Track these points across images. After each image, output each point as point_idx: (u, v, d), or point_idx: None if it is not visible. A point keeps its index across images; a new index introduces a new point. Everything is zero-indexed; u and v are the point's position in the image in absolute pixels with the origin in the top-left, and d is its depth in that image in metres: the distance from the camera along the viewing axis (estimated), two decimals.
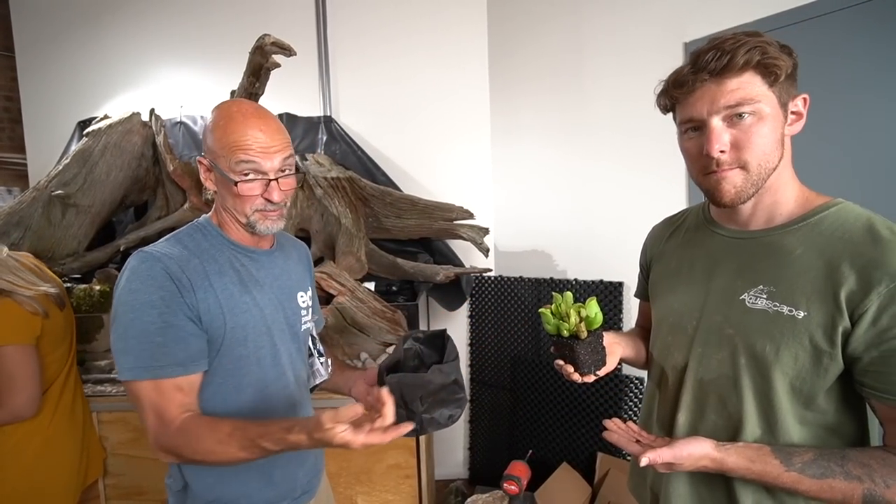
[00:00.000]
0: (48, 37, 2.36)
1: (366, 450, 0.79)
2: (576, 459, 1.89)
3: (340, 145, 2.21)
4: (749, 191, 0.66)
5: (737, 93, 0.62)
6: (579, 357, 0.72)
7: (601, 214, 1.94)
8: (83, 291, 1.77)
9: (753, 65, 0.61)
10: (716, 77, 0.63)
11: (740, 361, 0.67)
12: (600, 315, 0.73)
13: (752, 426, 0.66)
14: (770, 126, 0.63)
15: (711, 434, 0.69)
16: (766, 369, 0.64)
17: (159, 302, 0.73)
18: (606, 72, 1.89)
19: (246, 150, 0.75)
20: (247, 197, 0.78)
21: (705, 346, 0.71)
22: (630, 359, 0.89)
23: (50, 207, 1.89)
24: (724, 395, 0.69)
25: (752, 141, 0.63)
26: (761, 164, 0.64)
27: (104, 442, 1.60)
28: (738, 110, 0.62)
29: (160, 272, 0.74)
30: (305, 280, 0.99)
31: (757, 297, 0.66)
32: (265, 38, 1.28)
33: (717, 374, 0.69)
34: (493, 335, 2.21)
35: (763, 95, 0.62)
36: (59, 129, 2.30)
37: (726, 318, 0.68)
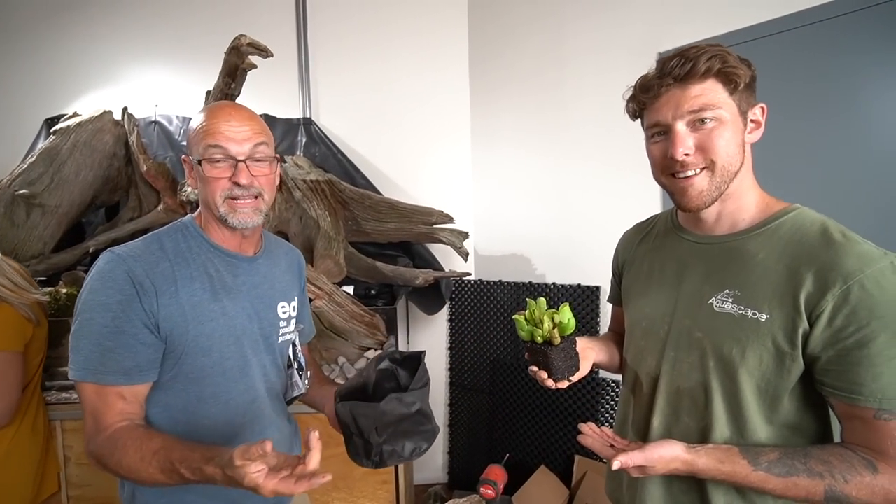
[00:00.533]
0: (14, 29, 2.27)
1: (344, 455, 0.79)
2: (554, 462, 1.90)
3: (320, 147, 2.19)
4: (712, 194, 0.68)
5: (700, 98, 0.65)
6: (553, 363, 0.73)
7: (580, 219, 1.97)
8: (49, 295, 1.70)
9: (714, 72, 0.64)
10: (680, 83, 0.65)
11: (709, 364, 0.68)
12: (573, 321, 0.74)
13: (721, 427, 0.68)
14: (731, 131, 0.66)
15: (684, 436, 0.70)
16: (734, 371, 0.66)
17: (115, 306, 0.71)
18: (586, 79, 1.92)
19: (215, 135, 0.75)
20: (214, 180, 0.76)
21: (677, 350, 0.72)
22: (603, 363, 0.90)
23: (13, 207, 1.82)
24: (696, 397, 0.70)
25: (715, 143, 0.65)
26: (725, 165, 0.66)
27: (68, 451, 1.54)
28: (701, 115, 0.65)
29: (122, 275, 0.72)
30: (292, 289, 0.94)
31: (723, 300, 0.68)
32: (241, 39, 1.26)
33: (688, 377, 0.71)
34: (473, 339, 2.22)
35: (724, 102, 0.65)
36: (24, 126, 2.21)
37: (695, 321, 0.70)
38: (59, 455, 1.52)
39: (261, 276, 0.87)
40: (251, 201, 0.78)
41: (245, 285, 0.83)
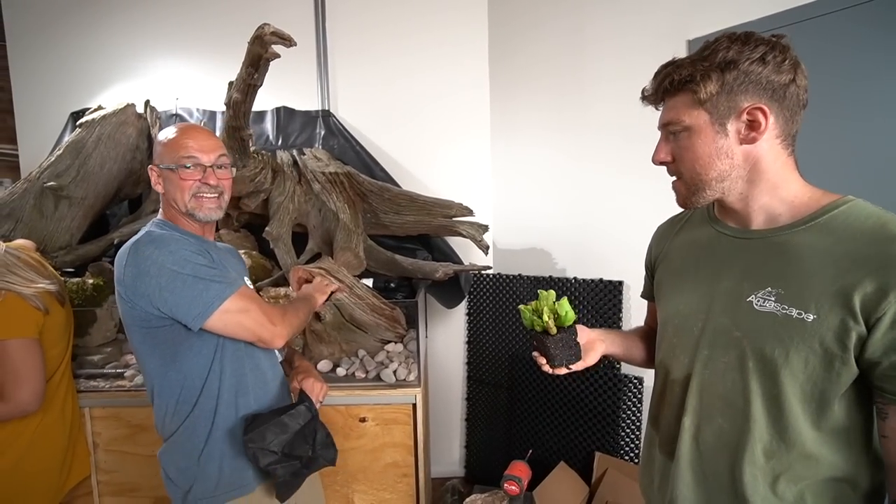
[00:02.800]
0: (41, 26, 2.31)
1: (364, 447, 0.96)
2: (573, 459, 1.88)
3: (339, 140, 2.19)
4: (691, 198, 0.71)
5: (667, 113, 0.70)
6: (550, 351, 0.79)
7: (601, 213, 1.93)
8: (76, 285, 1.74)
9: (678, 87, 0.67)
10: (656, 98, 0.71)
11: (748, 365, 0.66)
12: (571, 313, 0.79)
13: (760, 430, 0.66)
14: (702, 141, 0.67)
15: (717, 438, 0.69)
16: (776, 373, 0.63)
17: (200, 250, 0.91)
18: (608, 70, 1.87)
19: (187, 148, 0.94)
20: (187, 182, 0.93)
21: (711, 349, 0.70)
22: (619, 356, 0.91)
23: (42, 199, 1.86)
24: (731, 398, 0.68)
25: (681, 156, 0.70)
26: (693, 176, 0.69)
27: (97, 438, 1.57)
28: (669, 129, 0.70)
29: (179, 237, 0.91)
30: (245, 272, 1.14)
31: (765, 299, 0.65)
32: (265, 28, 1.25)
33: (723, 377, 0.69)
34: (491, 333, 2.20)
35: (690, 114, 0.67)
36: (52, 120, 2.26)
37: (733, 320, 0.68)
38: (89, 441, 1.56)
39: (223, 258, 1.03)
40: (215, 199, 0.97)
41: (227, 263, 1.02)
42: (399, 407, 1.54)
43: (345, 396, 1.53)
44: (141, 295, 0.86)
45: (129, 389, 1.58)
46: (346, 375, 1.62)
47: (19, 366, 1.15)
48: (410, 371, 1.59)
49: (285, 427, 0.91)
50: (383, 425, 1.55)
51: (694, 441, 0.72)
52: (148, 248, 0.87)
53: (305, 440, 0.92)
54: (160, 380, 0.93)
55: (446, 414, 2.37)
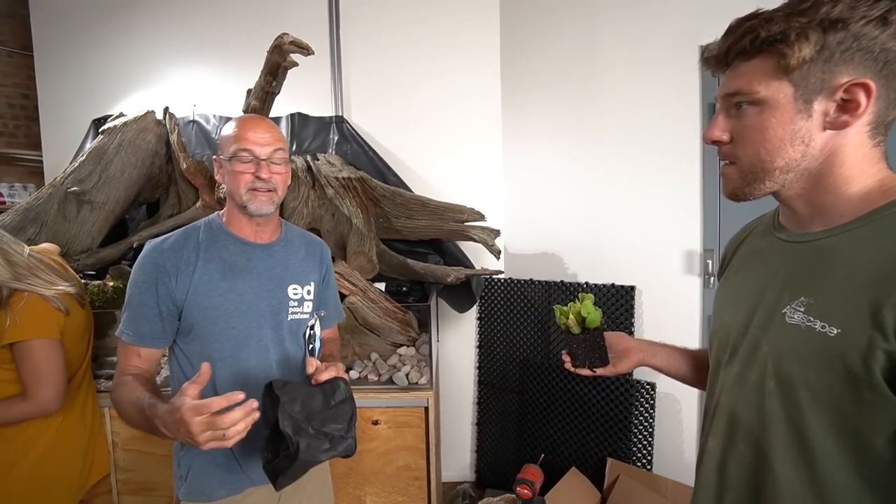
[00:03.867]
0: (65, 36, 2.39)
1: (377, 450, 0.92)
2: (585, 464, 1.87)
3: (352, 145, 2.21)
4: (745, 188, 0.59)
5: (736, 80, 0.56)
6: (573, 350, 0.82)
7: (613, 218, 1.93)
8: (97, 288, 1.79)
9: (760, 47, 0.53)
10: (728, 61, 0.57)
11: (769, 385, 0.56)
12: (594, 315, 0.79)
13: (781, 463, 0.54)
14: (776, 120, 0.54)
15: (739, 465, 0.60)
16: (795, 396, 0.53)
17: (141, 284, 0.92)
18: (620, 73, 1.87)
19: (243, 140, 0.93)
20: (240, 174, 0.93)
21: (742, 366, 0.61)
22: (661, 369, 0.85)
23: (65, 204, 1.91)
24: (751, 421, 0.59)
25: (744, 136, 0.57)
26: (753, 162, 0.57)
27: (115, 437, 1.61)
28: (736, 100, 0.57)
29: (150, 261, 0.93)
30: (309, 274, 1.06)
31: (795, 310, 0.54)
32: (284, 38, 1.28)
33: (747, 397, 0.60)
34: (503, 337, 2.20)
35: (769, 85, 0.54)
36: (75, 127, 2.33)
37: (765, 333, 0.58)
38: (108, 440, 1.60)
39: (274, 261, 1.01)
40: (268, 193, 0.95)
41: (257, 267, 0.98)
42: (411, 410, 1.55)
43: (357, 399, 1.52)
44: None
45: None
46: (359, 378, 1.64)
47: (42, 365, 1.17)
48: (423, 374, 1.61)
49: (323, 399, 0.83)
50: (396, 428, 1.56)
51: (715, 465, 0.64)
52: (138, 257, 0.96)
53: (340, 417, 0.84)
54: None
55: (457, 418, 2.37)
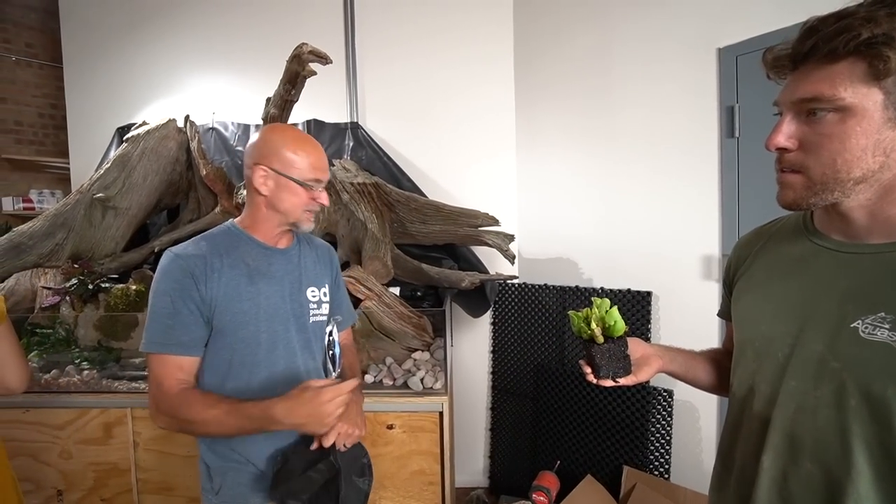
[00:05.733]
0: (92, 49, 2.47)
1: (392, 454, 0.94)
2: (600, 472, 1.85)
3: (367, 151, 2.24)
4: (810, 199, 0.57)
5: (816, 85, 0.52)
6: (595, 360, 0.76)
7: (629, 223, 1.91)
8: (120, 291, 1.84)
9: (854, 50, 0.50)
10: (802, 62, 0.54)
11: (849, 403, 0.54)
12: (621, 324, 0.74)
13: (864, 485, 0.53)
14: (861, 129, 0.51)
15: (806, 485, 0.57)
16: (888, 417, 0.51)
17: (173, 292, 0.90)
18: (635, 79, 1.87)
19: (316, 171, 0.97)
20: (307, 200, 0.97)
21: (800, 380, 0.59)
22: (679, 375, 0.83)
23: (91, 210, 1.98)
24: (826, 441, 0.56)
25: (819, 144, 0.54)
26: (828, 172, 0.54)
27: (137, 437, 1.65)
28: (812, 106, 0.53)
29: (177, 268, 0.91)
30: (322, 277, 1.10)
31: (876, 325, 0.53)
32: (303, 47, 1.31)
33: (815, 415, 0.57)
34: (517, 343, 2.20)
35: (857, 91, 0.50)
36: (100, 135, 2.40)
37: (830, 348, 0.56)
38: (129, 440, 1.64)
39: (293, 265, 1.03)
40: (313, 213, 1.01)
41: (279, 272, 1.00)
42: (426, 415, 1.56)
43: (372, 403, 1.55)
44: None
45: None
46: (374, 382, 1.65)
47: None
48: (437, 379, 1.61)
49: (310, 482, 0.90)
50: (410, 433, 1.57)
51: (775, 486, 0.61)
52: (159, 266, 0.94)
53: (329, 496, 0.91)
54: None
55: (470, 423, 2.37)
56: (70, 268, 1.87)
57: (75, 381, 1.68)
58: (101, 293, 1.82)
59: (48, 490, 1.66)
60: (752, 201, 1.58)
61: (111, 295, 1.81)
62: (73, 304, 1.78)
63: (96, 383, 1.68)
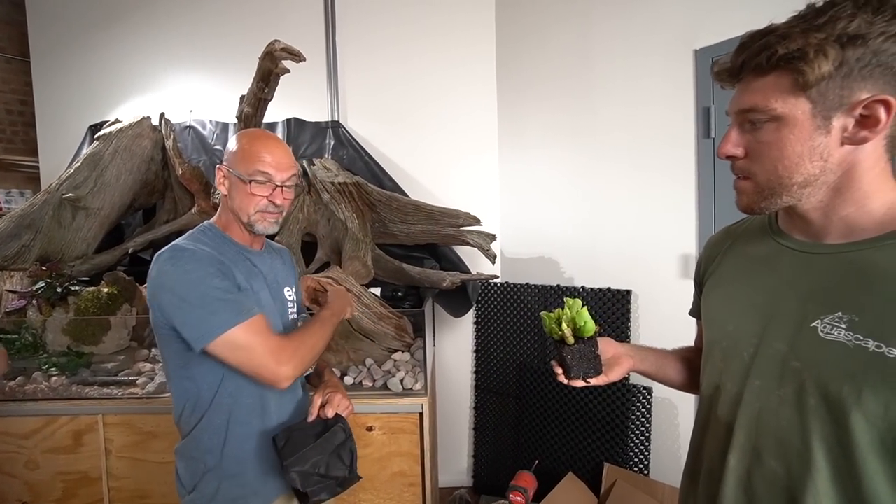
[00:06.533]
0: (62, 43, 2.40)
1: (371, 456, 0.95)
2: (582, 469, 1.86)
3: (348, 150, 2.22)
4: (761, 203, 0.59)
5: (750, 96, 0.56)
6: (566, 361, 0.76)
7: (609, 222, 1.93)
8: (91, 294, 1.78)
9: (777, 64, 0.53)
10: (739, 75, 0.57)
11: (809, 402, 0.55)
12: (591, 324, 0.74)
13: (822, 482, 0.54)
14: (795, 137, 0.54)
15: (769, 482, 0.58)
16: (843, 416, 0.52)
17: (217, 273, 0.88)
18: (615, 79, 1.88)
19: (264, 163, 0.93)
20: (256, 197, 0.94)
21: (764, 379, 0.60)
22: (650, 374, 0.84)
23: (60, 210, 1.91)
24: (786, 439, 0.57)
25: (760, 152, 0.57)
26: (771, 178, 0.57)
27: (108, 444, 1.60)
28: (751, 116, 0.57)
29: (205, 255, 0.89)
30: (290, 278, 1.14)
31: (833, 325, 0.54)
32: (275, 44, 1.28)
33: (777, 413, 0.58)
34: (499, 342, 2.20)
35: (786, 102, 0.53)
36: (71, 133, 2.33)
37: (791, 347, 0.58)
38: (100, 448, 1.59)
39: (268, 266, 1.05)
40: (275, 216, 0.98)
41: (262, 273, 1.02)
42: (406, 416, 1.55)
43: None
44: (158, 305, 0.88)
45: (142, 397, 1.60)
46: (354, 384, 1.63)
47: None
48: (417, 380, 1.60)
49: (324, 449, 0.91)
50: (390, 434, 1.55)
51: (740, 484, 0.62)
52: (168, 264, 0.87)
53: (342, 460, 0.93)
54: (174, 383, 0.95)
55: (454, 423, 2.36)
56: (37, 270, 1.80)
57: (43, 388, 1.62)
58: (71, 296, 1.76)
59: (12, 503, 1.60)
60: (728, 201, 1.61)
61: (81, 298, 1.76)
62: (40, 308, 1.72)
63: (65, 390, 1.62)
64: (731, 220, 0.81)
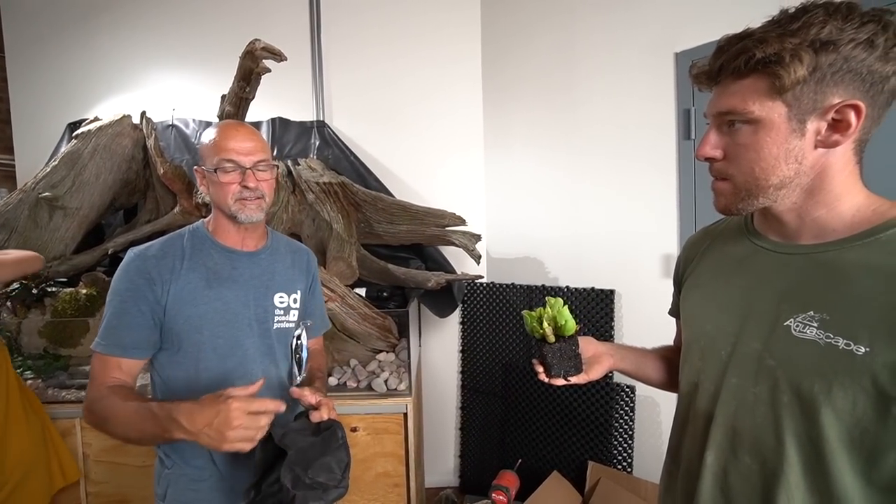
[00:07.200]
0: (39, 38, 2.34)
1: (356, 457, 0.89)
2: (567, 468, 1.87)
3: (333, 150, 2.20)
4: (738, 204, 0.60)
5: (728, 99, 0.57)
6: (547, 359, 0.76)
7: (592, 222, 1.94)
8: (69, 295, 1.75)
9: (754, 68, 0.54)
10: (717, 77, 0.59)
11: (782, 399, 0.57)
12: (572, 323, 0.75)
13: (794, 476, 0.56)
14: (771, 139, 0.55)
15: (745, 478, 0.60)
16: (814, 412, 0.54)
17: (124, 293, 0.88)
18: (598, 80, 1.90)
19: (227, 151, 0.91)
20: (227, 185, 0.91)
21: (740, 378, 0.61)
22: (630, 373, 0.85)
23: (37, 209, 1.87)
24: (761, 436, 0.59)
25: (738, 154, 0.58)
26: (748, 179, 0.58)
27: (86, 448, 1.57)
28: (729, 118, 0.58)
29: (134, 268, 0.89)
30: (295, 283, 1.05)
31: (805, 324, 0.55)
32: (255, 43, 1.27)
33: (753, 411, 0.60)
34: (485, 342, 2.20)
35: (763, 105, 0.54)
36: (49, 131, 2.28)
37: (766, 346, 0.59)
38: (79, 452, 1.56)
39: (261, 269, 0.99)
40: (256, 201, 0.94)
41: (243, 276, 0.97)
42: (390, 416, 1.54)
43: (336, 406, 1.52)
44: None
45: None
46: (338, 385, 1.62)
47: None
48: (402, 380, 1.60)
49: (323, 450, 0.82)
50: (374, 435, 1.55)
51: (717, 481, 0.63)
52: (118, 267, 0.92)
53: (337, 467, 0.84)
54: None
55: (440, 423, 2.36)
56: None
57: None
58: (47, 298, 1.72)
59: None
60: (708, 201, 1.61)
61: (58, 300, 1.72)
62: (14, 310, 1.68)
63: (41, 393, 1.59)
64: (712, 221, 0.81)
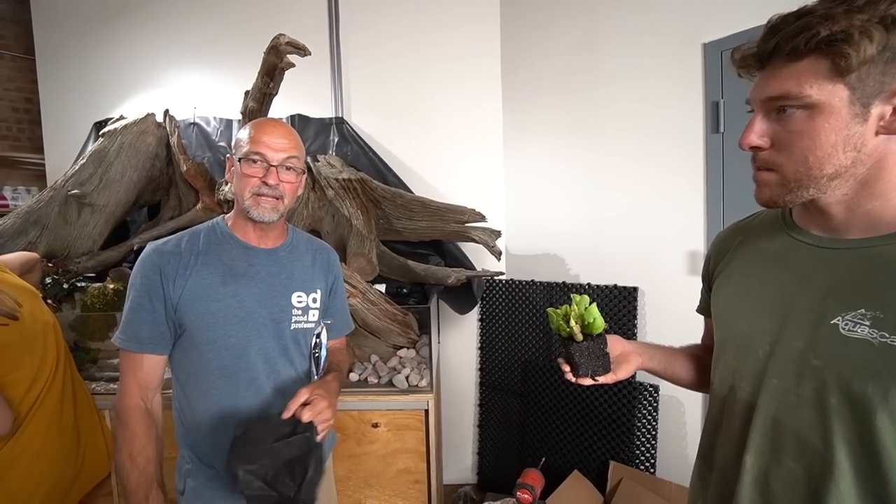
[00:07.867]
0: (67, 40, 2.40)
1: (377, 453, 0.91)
2: (587, 467, 1.85)
3: (352, 146, 2.21)
4: (786, 196, 0.56)
5: (781, 82, 0.52)
6: (574, 359, 0.74)
7: (615, 218, 1.91)
8: (97, 290, 1.79)
9: (816, 48, 0.49)
10: (768, 60, 0.54)
11: (830, 401, 0.53)
12: (600, 321, 0.73)
13: (845, 483, 0.53)
14: (830, 125, 0.51)
15: (788, 483, 0.57)
16: (869, 414, 0.50)
17: (140, 287, 0.89)
18: (622, 71, 1.86)
19: (258, 143, 0.90)
20: (248, 177, 0.90)
21: (781, 378, 0.58)
22: (658, 372, 0.83)
23: (66, 207, 1.92)
24: (807, 439, 0.55)
25: (790, 142, 0.53)
26: (801, 169, 0.54)
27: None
28: (780, 104, 0.53)
29: (150, 263, 0.90)
30: (315, 282, 1.02)
31: (856, 322, 0.52)
32: (280, 38, 1.28)
33: (796, 412, 0.56)
34: (504, 339, 2.19)
35: (822, 88, 0.50)
36: (76, 130, 2.33)
37: (811, 345, 0.56)
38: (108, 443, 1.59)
39: (279, 266, 0.97)
40: (273, 200, 0.91)
41: (259, 273, 0.95)
42: (411, 413, 1.54)
43: (357, 402, 1.53)
44: None
45: None
46: (359, 381, 1.63)
47: None
48: (423, 377, 1.59)
49: (278, 455, 0.78)
50: (395, 431, 1.55)
51: (757, 485, 0.60)
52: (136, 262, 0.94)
53: (292, 476, 0.79)
54: None
55: (458, 420, 2.36)
56: (44, 266, 1.81)
57: None
58: (77, 292, 1.76)
59: None
60: (737, 196, 1.58)
61: (87, 294, 1.76)
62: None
63: None
64: (741, 216, 0.78)
